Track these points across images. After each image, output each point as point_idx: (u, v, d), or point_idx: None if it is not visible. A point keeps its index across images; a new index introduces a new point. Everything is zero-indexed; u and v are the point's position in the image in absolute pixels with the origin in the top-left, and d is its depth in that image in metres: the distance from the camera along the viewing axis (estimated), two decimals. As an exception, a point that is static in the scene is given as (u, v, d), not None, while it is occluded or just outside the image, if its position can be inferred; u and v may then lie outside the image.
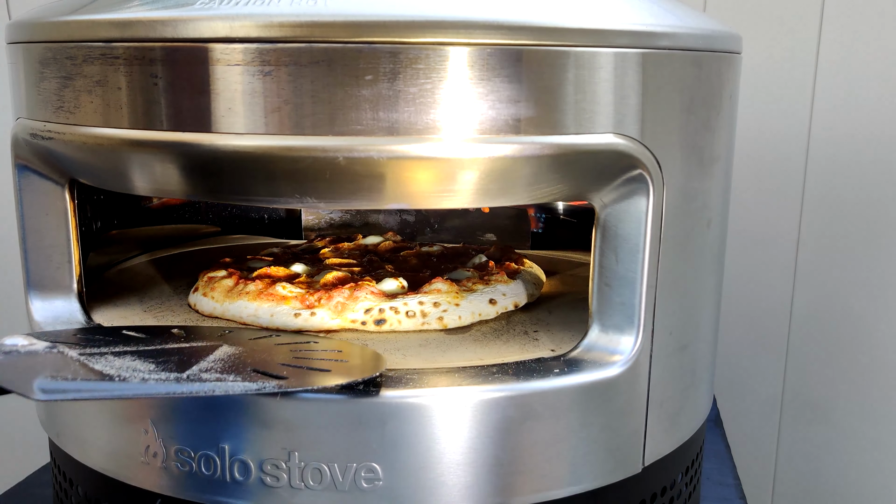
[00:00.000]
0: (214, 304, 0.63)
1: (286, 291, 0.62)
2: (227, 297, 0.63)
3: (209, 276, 0.66)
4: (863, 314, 1.10)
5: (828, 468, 1.16)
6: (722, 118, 0.59)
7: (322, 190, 0.49)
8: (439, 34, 0.46)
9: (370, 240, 0.86)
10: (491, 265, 0.73)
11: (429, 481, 0.51)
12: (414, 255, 0.79)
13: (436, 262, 0.77)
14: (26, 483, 0.78)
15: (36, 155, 0.58)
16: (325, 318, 0.60)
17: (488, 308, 0.65)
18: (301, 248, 0.82)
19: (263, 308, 0.61)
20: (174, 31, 0.47)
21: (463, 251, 0.81)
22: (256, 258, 0.76)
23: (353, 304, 0.60)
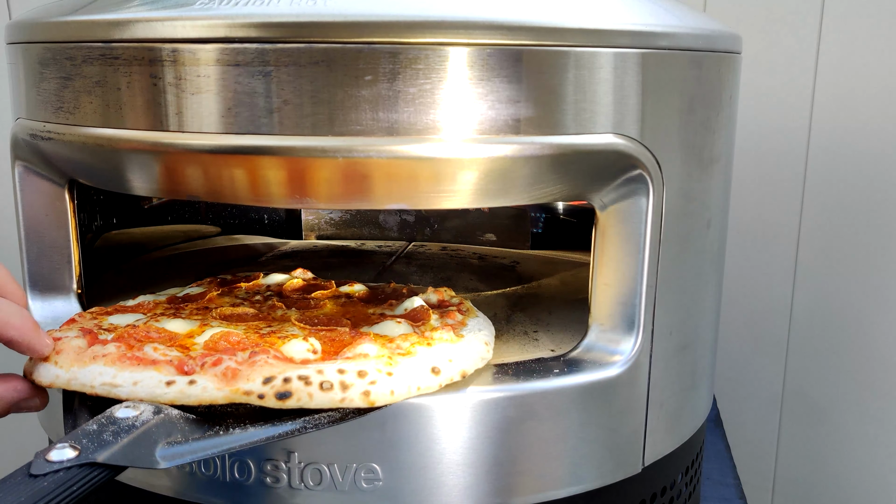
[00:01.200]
0: (58, 372, 0.49)
1: (158, 354, 0.50)
2: (76, 362, 0.49)
3: (54, 336, 0.52)
4: (863, 314, 1.10)
5: (828, 468, 1.16)
6: (722, 118, 0.59)
7: (322, 190, 0.49)
8: (439, 34, 0.46)
9: (273, 279, 0.71)
10: (428, 314, 0.60)
11: (429, 482, 0.51)
12: (328, 298, 0.66)
13: (357, 308, 0.64)
14: (26, 483, 0.78)
15: (36, 155, 0.58)
16: (207, 387, 0.47)
17: (429, 378, 0.50)
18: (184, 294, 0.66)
19: (124, 375, 0.48)
20: (174, 31, 0.47)
21: (391, 293, 0.68)
22: (120, 309, 0.61)
23: (247, 371, 0.48)
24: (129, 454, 0.42)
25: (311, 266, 0.79)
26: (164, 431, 0.45)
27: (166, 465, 0.43)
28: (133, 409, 0.46)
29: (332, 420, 0.47)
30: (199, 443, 0.45)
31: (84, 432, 0.43)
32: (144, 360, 0.49)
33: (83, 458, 0.41)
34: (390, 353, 0.51)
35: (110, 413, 0.45)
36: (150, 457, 0.43)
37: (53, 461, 0.40)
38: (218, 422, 0.47)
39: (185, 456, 0.44)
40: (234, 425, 0.46)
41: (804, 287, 1.12)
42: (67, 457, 0.41)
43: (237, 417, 0.47)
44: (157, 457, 0.43)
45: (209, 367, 0.48)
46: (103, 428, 0.44)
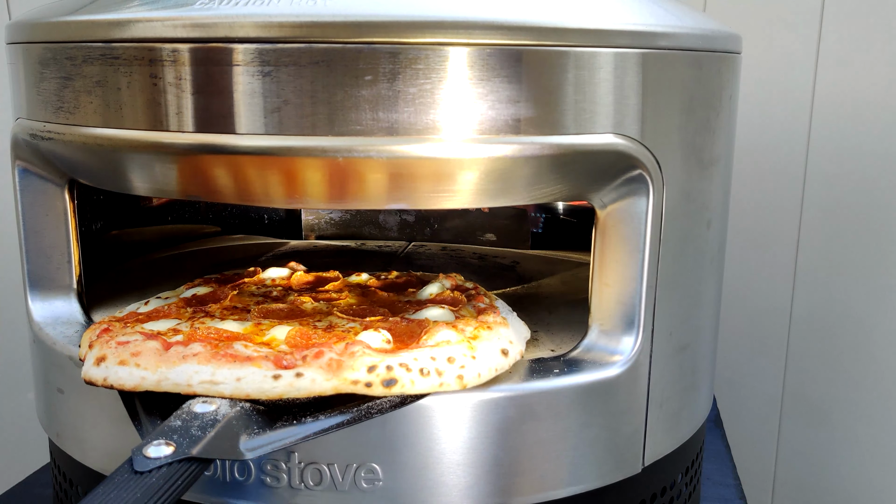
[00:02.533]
0: (143, 374, 0.49)
1: (250, 350, 0.50)
2: (163, 363, 0.49)
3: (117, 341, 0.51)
4: (862, 315, 1.10)
5: (828, 468, 1.16)
6: (722, 118, 0.59)
7: (322, 190, 0.49)
8: (439, 34, 0.46)
9: (272, 273, 0.71)
10: (462, 300, 0.62)
11: (429, 482, 0.51)
12: (341, 290, 0.66)
13: (380, 297, 0.65)
14: (26, 483, 0.78)
15: (36, 155, 0.58)
16: (316, 379, 0.48)
17: (502, 360, 0.53)
18: (193, 295, 0.65)
19: (223, 372, 0.48)
20: (173, 31, 0.47)
21: (405, 281, 0.69)
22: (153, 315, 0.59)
23: (350, 362, 0.49)
24: (217, 447, 0.44)
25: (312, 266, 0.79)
26: (243, 424, 0.46)
27: (251, 456, 0.45)
28: (210, 403, 0.47)
29: (393, 405, 0.48)
30: (277, 433, 0.46)
31: (171, 428, 0.44)
32: (239, 356, 0.49)
33: (180, 453, 0.42)
34: (468, 340, 0.53)
35: (189, 409, 0.46)
36: (235, 449, 0.44)
37: (153, 457, 0.42)
38: (286, 413, 0.48)
39: (266, 446, 0.45)
40: (300, 416, 0.47)
41: (804, 287, 1.12)
42: (165, 453, 0.42)
43: (301, 408, 0.48)
44: (241, 449, 0.45)
45: (312, 359, 0.49)
46: (188, 423, 0.45)
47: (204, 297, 0.64)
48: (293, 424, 0.47)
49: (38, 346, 0.61)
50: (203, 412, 0.46)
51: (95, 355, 0.50)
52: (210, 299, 0.63)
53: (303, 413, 0.48)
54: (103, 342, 0.51)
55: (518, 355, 0.54)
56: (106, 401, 0.55)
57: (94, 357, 0.50)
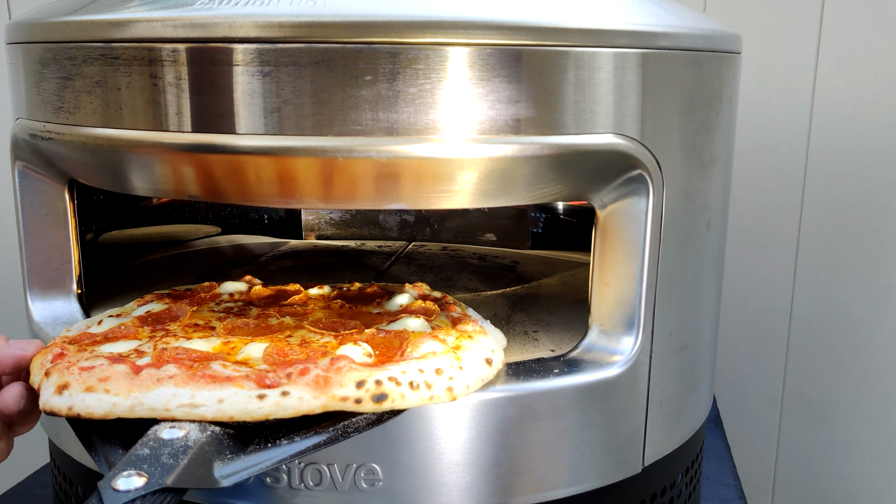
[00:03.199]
0: (114, 399, 0.45)
1: (229, 370, 0.48)
2: (136, 387, 0.46)
3: (80, 367, 0.48)
4: (862, 315, 1.10)
5: (828, 468, 1.16)
6: (722, 118, 0.59)
7: (322, 190, 0.49)
8: (439, 34, 0.46)
9: (228, 287, 0.67)
10: (435, 310, 0.61)
11: (429, 482, 0.51)
12: (305, 303, 0.64)
13: (348, 309, 0.63)
14: (26, 483, 0.78)
15: (36, 155, 0.58)
16: (304, 397, 0.46)
17: (487, 370, 0.52)
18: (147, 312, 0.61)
19: (203, 394, 0.46)
20: (173, 31, 0.47)
21: (369, 293, 0.67)
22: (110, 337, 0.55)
23: (338, 378, 0.47)
24: (192, 475, 0.41)
25: (311, 266, 0.79)
26: (216, 449, 0.44)
27: (227, 484, 0.42)
28: (178, 429, 0.44)
29: (370, 423, 0.46)
30: (252, 457, 0.44)
31: (139, 457, 0.42)
32: (219, 377, 0.47)
33: (153, 484, 0.40)
34: (454, 350, 0.52)
35: (156, 435, 0.44)
36: (209, 477, 0.42)
37: (123, 490, 0.39)
38: (257, 436, 0.46)
39: (242, 472, 0.43)
40: (273, 438, 0.45)
41: (804, 287, 1.12)
42: (136, 485, 0.39)
43: (273, 429, 0.46)
44: (215, 476, 0.42)
45: (297, 376, 0.47)
46: (157, 451, 0.42)
47: (160, 315, 0.60)
48: (267, 447, 0.45)
49: (38, 346, 0.61)
50: (172, 438, 0.43)
51: (55, 383, 0.46)
52: (167, 317, 0.60)
53: (275, 434, 0.45)
54: (62, 368, 0.48)
55: (500, 364, 0.53)
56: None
57: (53, 385, 0.46)
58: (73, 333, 0.55)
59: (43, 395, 0.46)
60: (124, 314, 0.60)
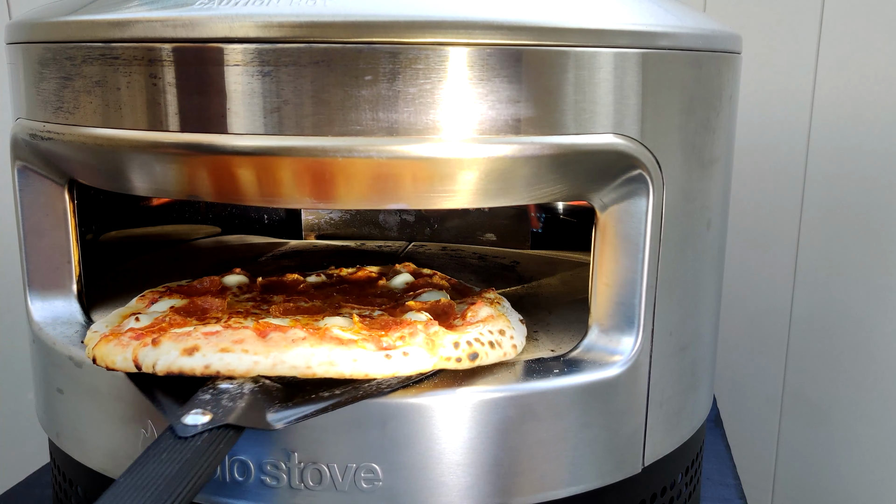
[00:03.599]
0: (256, 359, 0.49)
1: (349, 334, 0.52)
2: (273, 347, 0.50)
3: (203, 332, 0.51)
4: (863, 315, 1.10)
5: (828, 468, 1.16)
6: (722, 118, 0.59)
7: (322, 190, 0.49)
8: (439, 34, 0.46)
9: (232, 280, 0.69)
10: (442, 282, 0.66)
11: (429, 482, 0.51)
12: (322, 286, 0.68)
13: (362, 292, 0.67)
14: (26, 483, 0.78)
15: (35, 155, 0.58)
16: (421, 357, 0.51)
17: (524, 328, 0.59)
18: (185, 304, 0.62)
19: (337, 353, 0.50)
20: (173, 31, 0.47)
21: (362, 279, 0.71)
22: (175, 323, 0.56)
23: (440, 339, 0.52)
24: (249, 417, 0.46)
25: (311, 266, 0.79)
26: (267, 398, 0.48)
27: (279, 426, 0.47)
28: (232, 381, 0.49)
29: (400, 382, 0.51)
30: (300, 407, 0.48)
31: (203, 401, 0.47)
32: (344, 339, 0.51)
33: (217, 420, 0.45)
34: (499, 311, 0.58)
35: (214, 385, 0.49)
36: (263, 420, 0.47)
37: (191, 424, 0.44)
38: (300, 391, 0.50)
39: (290, 417, 0.48)
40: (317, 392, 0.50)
41: (804, 287, 1.12)
42: (203, 420, 0.45)
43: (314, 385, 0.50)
44: (268, 419, 0.47)
45: (409, 337, 0.52)
46: (217, 396, 0.47)
47: (189, 309, 0.61)
48: (312, 399, 0.49)
49: (38, 346, 0.61)
50: (229, 387, 0.48)
51: (181, 347, 0.50)
52: (196, 310, 0.61)
53: (317, 390, 0.50)
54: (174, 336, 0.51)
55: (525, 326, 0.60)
56: (106, 401, 0.55)
57: (178, 349, 0.50)
58: (109, 330, 0.56)
59: (167, 357, 0.50)
60: (137, 311, 0.61)
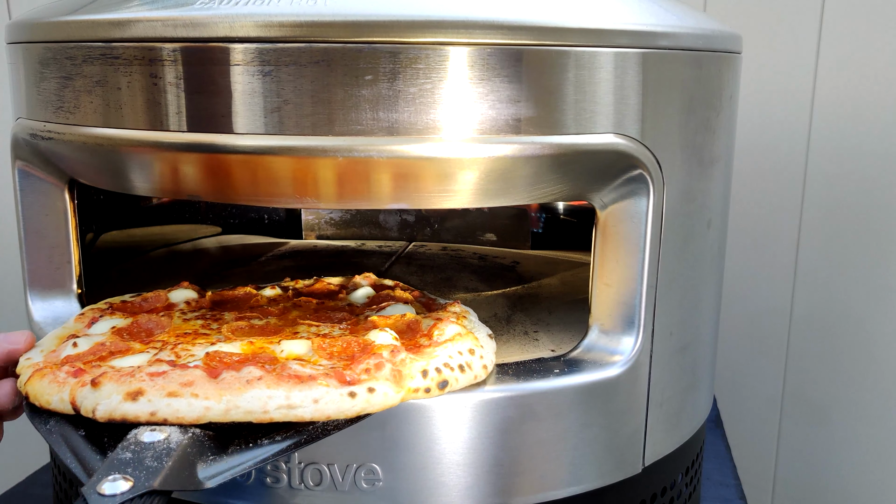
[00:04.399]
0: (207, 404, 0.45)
1: (308, 369, 0.47)
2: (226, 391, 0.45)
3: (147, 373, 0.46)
4: (863, 315, 1.10)
5: (828, 468, 1.16)
6: (722, 118, 0.59)
7: (322, 190, 0.49)
8: (439, 34, 0.46)
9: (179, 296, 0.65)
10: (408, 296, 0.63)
11: (429, 482, 0.51)
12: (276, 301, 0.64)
13: (320, 306, 0.63)
14: (26, 483, 0.78)
15: (36, 155, 0.58)
16: (388, 393, 0.47)
17: (493, 343, 0.56)
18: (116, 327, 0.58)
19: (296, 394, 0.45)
20: (174, 31, 0.47)
21: (322, 291, 0.67)
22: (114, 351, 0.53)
23: (406, 369, 0.48)
24: (177, 478, 0.41)
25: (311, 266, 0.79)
26: (198, 451, 0.43)
27: (211, 485, 0.42)
28: (159, 431, 0.44)
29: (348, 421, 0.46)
30: (235, 458, 0.44)
31: (122, 461, 0.41)
32: (303, 377, 0.46)
33: (139, 487, 0.39)
34: (467, 330, 0.55)
35: (136, 439, 0.43)
36: (194, 479, 0.42)
37: (108, 494, 0.39)
38: (237, 436, 0.45)
39: (226, 473, 0.43)
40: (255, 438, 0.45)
41: (804, 287, 1.12)
42: (122, 489, 0.39)
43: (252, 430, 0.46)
44: (200, 478, 0.42)
45: (375, 371, 0.47)
46: (140, 454, 0.42)
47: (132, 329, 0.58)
48: (249, 448, 0.44)
49: (38, 346, 0.61)
50: (153, 441, 0.43)
51: (124, 391, 0.45)
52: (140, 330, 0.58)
53: (254, 435, 0.45)
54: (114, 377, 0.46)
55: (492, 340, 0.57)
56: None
57: (121, 393, 0.45)
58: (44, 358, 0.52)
59: (104, 403, 0.45)
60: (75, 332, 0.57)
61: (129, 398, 0.45)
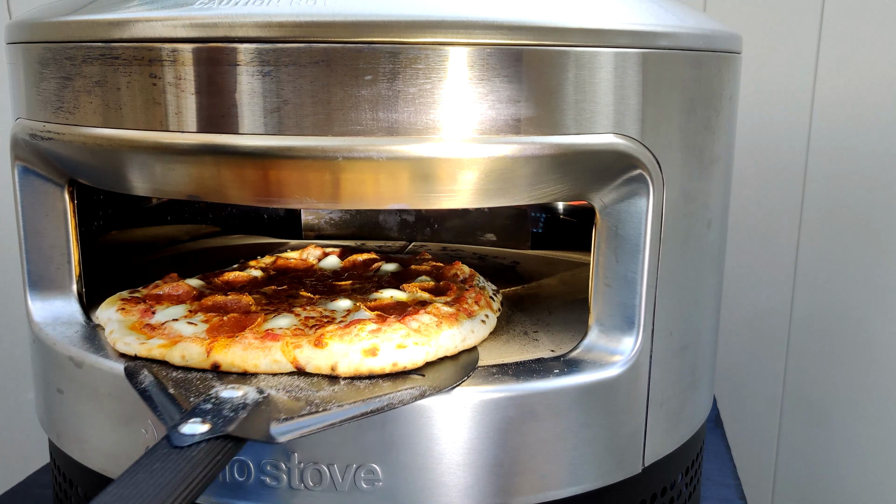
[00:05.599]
0: (427, 349, 0.54)
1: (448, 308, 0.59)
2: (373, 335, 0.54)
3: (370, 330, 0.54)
4: (863, 315, 1.10)
5: (828, 468, 1.16)
6: (722, 118, 0.59)
7: (322, 190, 0.49)
8: (439, 34, 0.46)
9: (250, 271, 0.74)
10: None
11: (429, 482, 0.51)
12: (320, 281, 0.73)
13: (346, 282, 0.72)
14: (26, 483, 0.78)
15: (36, 155, 0.58)
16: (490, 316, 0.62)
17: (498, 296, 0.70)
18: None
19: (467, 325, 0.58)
20: (173, 31, 0.47)
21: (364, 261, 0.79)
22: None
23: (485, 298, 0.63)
24: (250, 428, 0.45)
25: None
26: (272, 409, 0.48)
27: (281, 440, 0.46)
28: (237, 389, 0.49)
29: (413, 398, 0.50)
30: (305, 420, 0.47)
31: (203, 410, 0.46)
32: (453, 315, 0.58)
33: (216, 430, 0.44)
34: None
35: (216, 394, 0.48)
36: (265, 432, 0.46)
37: (188, 434, 0.43)
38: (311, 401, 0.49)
39: (295, 431, 0.46)
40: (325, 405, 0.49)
41: (804, 287, 1.12)
42: (200, 430, 0.43)
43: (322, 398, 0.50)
44: (271, 432, 0.46)
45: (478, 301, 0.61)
46: (219, 406, 0.47)
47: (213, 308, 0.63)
48: (319, 412, 0.48)
49: (38, 346, 0.61)
50: (231, 397, 0.48)
51: (362, 348, 0.52)
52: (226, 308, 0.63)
53: (324, 403, 0.49)
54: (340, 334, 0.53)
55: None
56: (106, 401, 0.55)
57: (361, 350, 0.52)
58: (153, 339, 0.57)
59: (347, 359, 0.52)
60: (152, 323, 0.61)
61: (370, 354, 0.52)
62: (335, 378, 0.52)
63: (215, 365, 0.53)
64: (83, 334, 0.60)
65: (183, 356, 0.54)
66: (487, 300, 0.64)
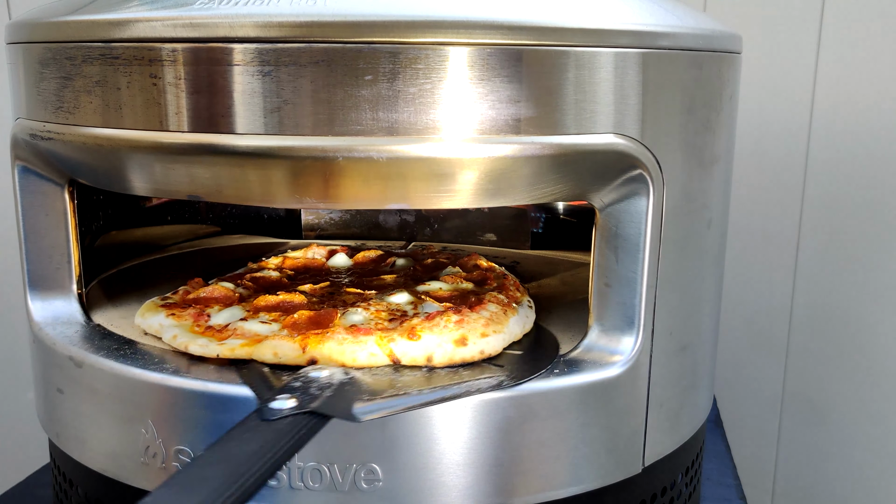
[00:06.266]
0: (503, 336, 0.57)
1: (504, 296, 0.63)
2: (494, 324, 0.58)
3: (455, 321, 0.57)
4: (863, 314, 1.10)
5: (828, 468, 1.16)
6: (722, 118, 0.59)
7: (322, 190, 0.49)
8: (439, 34, 0.46)
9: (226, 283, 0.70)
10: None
11: (429, 482, 0.51)
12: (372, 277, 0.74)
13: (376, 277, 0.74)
14: (26, 483, 0.78)
15: (35, 155, 0.58)
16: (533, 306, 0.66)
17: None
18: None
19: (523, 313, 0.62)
20: (173, 31, 0.47)
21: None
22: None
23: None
24: (334, 406, 0.48)
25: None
26: (356, 390, 0.50)
27: (363, 419, 0.48)
28: (323, 370, 0.52)
29: (491, 387, 0.51)
30: (387, 401, 0.49)
31: (292, 388, 0.49)
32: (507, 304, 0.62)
33: (303, 406, 0.47)
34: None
35: (305, 374, 0.51)
36: (348, 411, 0.48)
37: (277, 408, 0.46)
38: (393, 384, 0.52)
39: (377, 411, 0.49)
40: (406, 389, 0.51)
41: (804, 287, 1.12)
42: (288, 405, 0.47)
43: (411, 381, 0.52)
44: (354, 412, 0.48)
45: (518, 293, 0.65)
46: (307, 384, 0.50)
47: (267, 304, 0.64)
48: (400, 395, 0.50)
49: (38, 346, 0.61)
50: (318, 376, 0.51)
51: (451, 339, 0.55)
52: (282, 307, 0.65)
53: (406, 388, 0.51)
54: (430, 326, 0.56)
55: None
56: (106, 401, 0.55)
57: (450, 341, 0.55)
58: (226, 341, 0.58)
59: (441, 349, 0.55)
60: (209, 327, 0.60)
61: (460, 343, 0.55)
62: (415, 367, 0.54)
63: (312, 360, 0.54)
64: (83, 334, 0.60)
65: (276, 353, 0.54)
66: (521, 287, 0.68)
